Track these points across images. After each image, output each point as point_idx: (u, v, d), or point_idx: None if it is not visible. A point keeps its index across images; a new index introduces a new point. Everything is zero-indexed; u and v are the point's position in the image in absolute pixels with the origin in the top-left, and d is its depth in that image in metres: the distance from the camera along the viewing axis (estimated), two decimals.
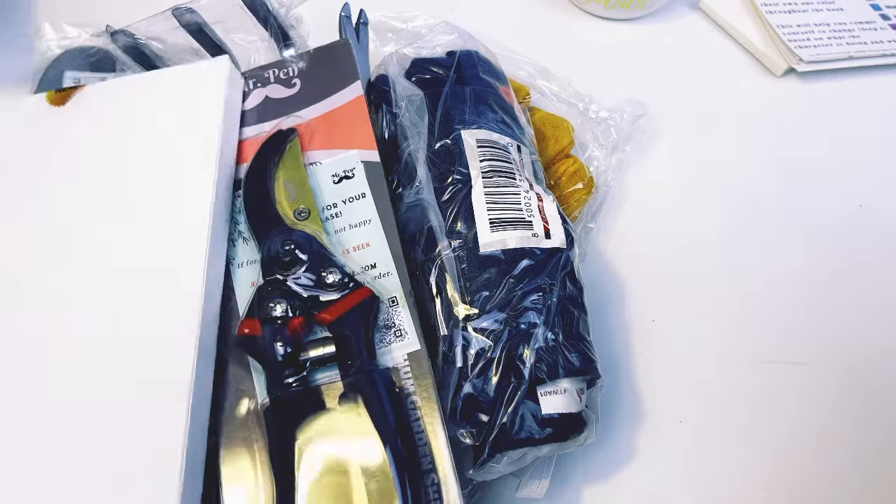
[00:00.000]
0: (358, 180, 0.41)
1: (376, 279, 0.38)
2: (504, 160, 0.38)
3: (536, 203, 0.37)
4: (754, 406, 0.44)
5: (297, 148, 0.41)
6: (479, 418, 0.33)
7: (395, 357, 0.36)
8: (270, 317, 0.35)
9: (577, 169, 0.47)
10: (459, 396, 0.33)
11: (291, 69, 0.46)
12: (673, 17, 0.67)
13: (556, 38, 0.63)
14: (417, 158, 0.38)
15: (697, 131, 0.58)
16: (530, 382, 0.33)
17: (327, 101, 0.44)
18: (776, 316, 0.48)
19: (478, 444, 0.33)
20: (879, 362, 0.47)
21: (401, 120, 0.40)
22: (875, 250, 0.52)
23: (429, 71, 0.43)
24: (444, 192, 0.37)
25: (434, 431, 0.34)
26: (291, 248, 0.37)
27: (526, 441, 0.32)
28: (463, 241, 0.36)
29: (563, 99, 0.54)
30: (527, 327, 0.33)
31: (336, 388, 0.34)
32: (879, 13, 0.66)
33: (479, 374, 0.33)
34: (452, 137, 0.39)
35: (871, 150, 0.58)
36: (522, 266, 0.35)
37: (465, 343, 0.34)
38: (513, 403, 0.32)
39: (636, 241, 0.51)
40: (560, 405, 0.33)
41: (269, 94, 0.45)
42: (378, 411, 0.33)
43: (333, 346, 0.35)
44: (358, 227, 0.39)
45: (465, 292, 0.35)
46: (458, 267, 0.35)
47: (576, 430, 0.34)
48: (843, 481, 0.43)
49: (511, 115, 0.42)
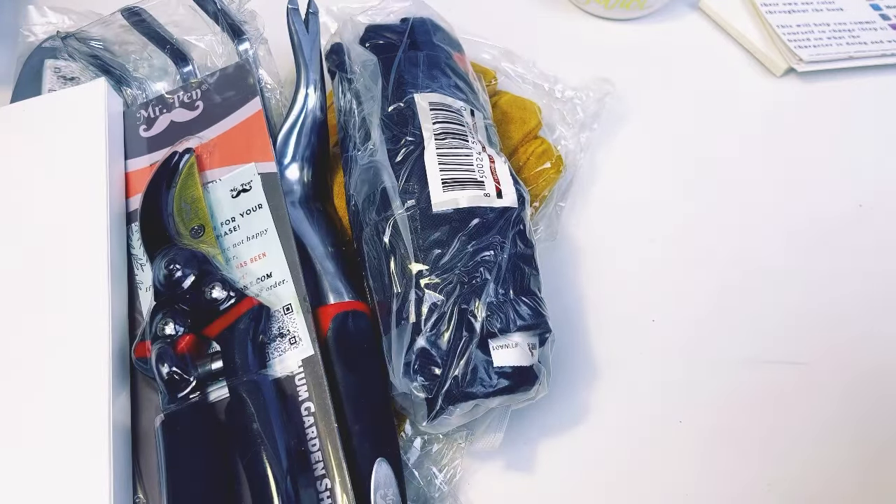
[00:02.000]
0: (255, 192, 0.46)
1: (272, 288, 0.43)
2: (457, 122, 0.45)
3: (489, 164, 0.42)
4: (754, 406, 0.49)
5: (194, 167, 0.47)
6: (432, 372, 0.38)
7: (290, 364, 0.41)
8: (160, 336, 0.40)
9: (545, 149, 0.53)
10: (413, 351, 0.38)
11: (195, 92, 0.51)
12: (673, 17, 0.73)
13: (557, 39, 0.70)
14: (371, 122, 0.44)
15: (697, 131, 0.64)
16: (482, 336, 0.38)
17: (228, 120, 0.49)
18: (776, 316, 0.53)
19: (430, 397, 0.38)
20: (879, 362, 0.51)
21: (355, 85, 0.45)
22: (875, 250, 0.57)
23: (382, 37, 0.50)
24: (398, 154, 0.44)
25: (328, 437, 0.38)
26: (175, 266, 0.42)
27: (477, 393, 0.38)
28: (416, 200, 0.42)
29: (529, 80, 0.61)
30: (478, 283, 0.38)
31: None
32: (879, 13, 0.73)
33: (433, 329, 0.38)
34: (406, 101, 0.45)
35: (871, 150, 0.64)
36: (474, 224, 0.41)
37: (418, 298, 0.39)
38: (465, 356, 0.38)
39: (609, 222, 0.57)
40: (511, 358, 0.38)
41: (173, 118, 0.50)
42: (265, 419, 0.37)
43: (221, 361, 0.40)
44: (255, 239, 0.45)
45: (419, 250, 0.41)
46: (412, 226, 0.41)
47: (527, 383, 0.39)
48: (842, 481, 0.46)
49: (465, 80, 0.49)
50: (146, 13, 0.52)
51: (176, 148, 0.48)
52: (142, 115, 0.50)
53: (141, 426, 0.41)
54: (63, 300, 0.41)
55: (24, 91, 0.51)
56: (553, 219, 0.54)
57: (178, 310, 0.41)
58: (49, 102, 0.49)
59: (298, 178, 0.48)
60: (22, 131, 0.47)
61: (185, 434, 0.38)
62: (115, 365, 0.40)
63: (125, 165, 0.48)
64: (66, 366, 0.40)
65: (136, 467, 0.40)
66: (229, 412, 0.39)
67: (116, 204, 0.45)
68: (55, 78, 0.51)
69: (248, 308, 0.40)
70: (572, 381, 0.48)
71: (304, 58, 0.50)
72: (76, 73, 0.51)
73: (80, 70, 0.51)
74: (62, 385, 0.39)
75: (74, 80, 0.51)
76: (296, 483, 0.37)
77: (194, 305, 0.41)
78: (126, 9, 0.52)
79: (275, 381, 0.40)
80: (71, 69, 0.51)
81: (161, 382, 0.38)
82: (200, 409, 0.39)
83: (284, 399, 0.39)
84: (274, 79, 0.55)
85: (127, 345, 0.42)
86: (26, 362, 0.40)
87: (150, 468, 0.39)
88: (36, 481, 0.37)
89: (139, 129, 0.50)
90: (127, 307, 0.43)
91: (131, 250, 0.45)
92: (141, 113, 0.50)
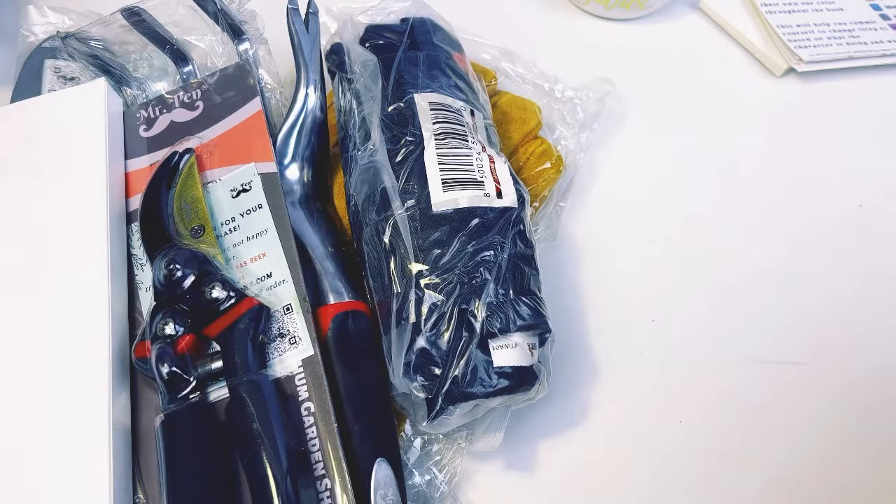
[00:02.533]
0: (255, 192, 0.46)
1: (272, 288, 0.43)
2: (456, 122, 0.45)
3: (488, 164, 0.42)
4: (754, 406, 0.50)
5: (194, 167, 0.47)
6: (432, 372, 0.39)
7: (290, 364, 0.41)
8: (160, 336, 0.40)
9: (544, 149, 0.53)
10: (413, 351, 0.39)
11: (195, 93, 0.52)
12: (673, 17, 0.73)
13: (556, 39, 0.70)
14: (371, 122, 0.45)
15: (697, 131, 0.64)
16: (482, 336, 0.39)
17: (228, 120, 0.50)
18: (776, 316, 0.54)
19: (430, 398, 0.38)
20: (879, 362, 0.52)
21: (355, 85, 0.46)
22: (875, 250, 0.58)
23: (382, 37, 0.51)
24: (398, 154, 0.44)
25: (328, 437, 0.39)
26: (175, 266, 0.42)
27: (477, 393, 0.38)
28: (416, 200, 0.42)
29: (529, 80, 0.62)
30: (478, 283, 0.39)
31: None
32: (879, 13, 0.74)
33: (433, 329, 0.39)
34: (406, 101, 0.46)
35: (871, 150, 0.64)
36: (474, 224, 0.41)
37: (418, 298, 0.39)
38: (465, 356, 0.38)
39: (609, 222, 0.57)
40: (511, 359, 0.39)
41: (174, 118, 0.51)
42: (265, 419, 0.38)
43: (221, 361, 0.40)
44: (255, 239, 0.45)
45: (419, 250, 0.41)
46: (412, 226, 0.41)
47: (527, 384, 0.39)
48: (842, 481, 0.47)
49: (465, 80, 0.49)
50: (146, 13, 0.53)
51: (176, 148, 0.48)
52: (141, 116, 0.51)
53: (141, 426, 0.41)
54: (63, 300, 0.42)
55: (24, 91, 0.51)
56: (553, 219, 0.54)
57: (178, 310, 0.41)
58: (49, 102, 0.49)
59: (298, 178, 0.48)
60: (22, 131, 0.48)
61: (184, 434, 0.38)
62: (115, 365, 0.40)
63: (125, 165, 0.49)
64: (66, 366, 0.40)
65: (136, 467, 0.40)
66: (229, 412, 0.39)
67: (116, 204, 0.46)
68: (55, 78, 0.51)
69: (249, 308, 0.41)
70: (572, 381, 0.48)
71: (304, 58, 0.50)
72: (76, 73, 0.52)
73: (80, 70, 0.52)
74: (62, 386, 0.39)
75: (74, 80, 0.52)
76: (296, 483, 0.37)
77: (194, 305, 0.41)
78: (126, 9, 0.53)
79: (275, 381, 0.40)
80: (71, 69, 0.52)
81: (161, 382, 0.39)
82: (200, 409, 0.39)
83: (284, 399, 0.40)
84: (274, 79, 0.56)
85: (127, 345, 0.42)
86: (26, 363, 0.40)
87: (150, 468, 0.40)
88: (36, 481, 0.37)
89: (139, 129, 0.50)
90: (126, 307, 0.44)
91: (131, 250, 0.46)
92: (141, 113, 0.51)
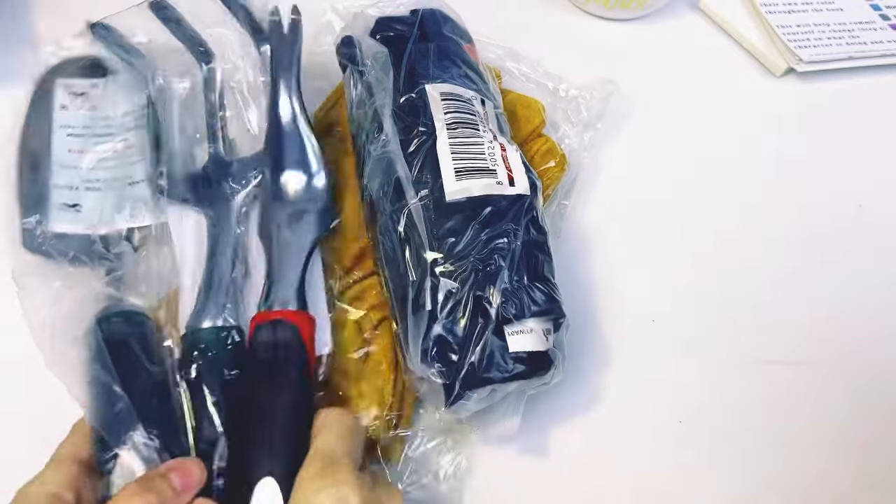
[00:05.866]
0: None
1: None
2: (468, 112, 0.48)
3: (500, 152, 0.45)
4: (754, 406, 0.52)
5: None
6: (449, 358, 0.41)
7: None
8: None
9: (549, 148, 0.56)
10: (430, 338, 0.41)
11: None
12: (673, 17, 0.75)
13: (556, 39, 0.72)
14: (384, 113, 0.47)
15: (697, 131, 0.66)
16: (497, 322, 0.41)
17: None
18: (775, 316, 0.56)
19: (448, 383, 0.40)
20: (880, 362, 0.54)
21: (367, 77, 0.48)
22: (875, 250, 0.60)
23: (392, 29, 0.53)
24: (410, 145, 0.46)
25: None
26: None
27: (494, 378, 0.40)
28: (429, 190, 0.45)
29: (533, 79, 0.64)
30: (493, 270, 0.42)
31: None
32: (879, 13, 0.77)
33: (449, 316, 0.41)
34: (417, 92, 0.48)
35: (871, 150, 0.67)
36: (487, 212, 0.44)
37: (433, 286, 0.42)
38: (481, 342, 0.40)
39: (612, 220, 0.59)
40: (527, 344, 0.41)
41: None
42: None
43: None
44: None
45: (433, 239, 0.43)
46: (426, 215, 0.44)
47: (543, 368, 0.42)
48: (842, 481, 0.49)
49: (475, 70, 0.52)
50: (174, 9, 0.53)
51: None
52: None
53: None
54: None
55: (35, 108, 0.52)
56: (557, 217, 0.57)
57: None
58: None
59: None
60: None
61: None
62: None
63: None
64: None
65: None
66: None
67: None
68: (66, 94, 0.52)
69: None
70: (572, 382, 0.50)
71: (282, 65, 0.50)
72: (86, 88, 0.53)
73: (89, 86, 0.53)
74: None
75: (84, 96, 0.53)
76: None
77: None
78: (152, 1, 0.53)
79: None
80: (81, 85, 0.53)
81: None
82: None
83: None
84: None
85: None
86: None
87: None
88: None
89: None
90: None
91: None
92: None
